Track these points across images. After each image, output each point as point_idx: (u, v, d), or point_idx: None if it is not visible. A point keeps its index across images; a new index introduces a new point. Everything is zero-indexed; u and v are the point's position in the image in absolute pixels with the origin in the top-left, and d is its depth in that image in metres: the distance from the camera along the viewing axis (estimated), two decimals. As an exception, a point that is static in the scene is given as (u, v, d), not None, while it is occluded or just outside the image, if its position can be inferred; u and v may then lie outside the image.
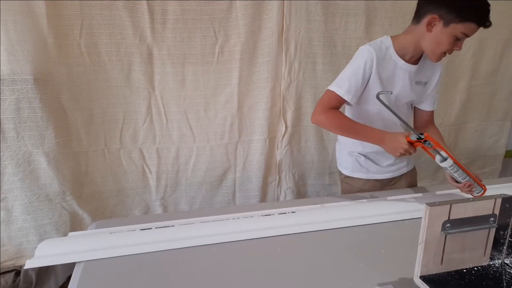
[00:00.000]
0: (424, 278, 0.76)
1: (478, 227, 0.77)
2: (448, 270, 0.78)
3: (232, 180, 1.91)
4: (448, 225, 0.74)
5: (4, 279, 1.71)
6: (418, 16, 1.17)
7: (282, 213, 1.20)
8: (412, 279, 0.78)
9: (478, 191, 1.18)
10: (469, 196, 1.21)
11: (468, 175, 1.12)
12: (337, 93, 1.21)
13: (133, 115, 1.72)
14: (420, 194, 1.36)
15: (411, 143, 1.09)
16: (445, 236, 0.75)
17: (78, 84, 1.60)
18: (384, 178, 1.41)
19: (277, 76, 1.79)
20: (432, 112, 1.38)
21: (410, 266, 0.78)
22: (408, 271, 0.80)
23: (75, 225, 1.71)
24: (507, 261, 0.82)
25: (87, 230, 1.18)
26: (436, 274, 0.77)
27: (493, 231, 0.79)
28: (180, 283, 0.88)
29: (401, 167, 1.43)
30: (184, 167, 1.84)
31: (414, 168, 1.52)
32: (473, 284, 0.76)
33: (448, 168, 1.10)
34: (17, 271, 1.76)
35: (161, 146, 1.78)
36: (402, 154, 1.12)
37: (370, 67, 1.20)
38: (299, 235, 1.08)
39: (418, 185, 2.20)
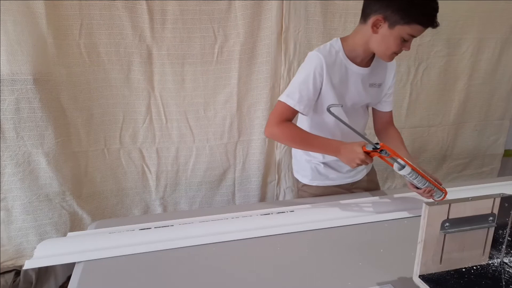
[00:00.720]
0: (423, 277, 0.76)
1: (477, 226, 0.77)
2: (447, 269, 0.78)
3: (231, 180, 1.92)
4: (447, 224, 0.74)
5: (4, 279, 1.71)
6: (364, 16, 1.12)
7: (280, 212, 1.20)
8: (411, 278, 0.78)
9: (439, 195, 1.16)
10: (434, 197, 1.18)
11: (427, 180, 1.10)
12: (288, 104, 1.15)
13: (132, 115, 1.72)
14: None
15: (367, 153, 1.05)
16: (444, 235, 0.75)
17: (78, 84, 1.60)
18: (345, 183, 1.38)
19: (276, 76, 1.79)
20: (390, 112, 1.34)
21: (409, 265, 0.78)
22: (407, 270, 0.80)
23: (75, 225, 1.72)
24: (506, 260, 0.82)
25: (87, 230, 1.18)
26: (435, 273, 0.77)
27: (492, 230, 0.80)
28: (179, 283, 0.88)
29: (360, 170, 1.41)
30: (183, 167, 1.84)
31: (373, 168, 1.50)
32: (472, 283, 0.76)
33: (406, 175, 1.07)
34: (17, 271, 1.76)
35: (160, 146, 1.78)
36: (359, 165, 1.08)
37: (320, 75, 1.14)
38: (298, 234, 1.08)
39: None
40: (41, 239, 1.47)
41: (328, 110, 1.06)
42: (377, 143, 1.04)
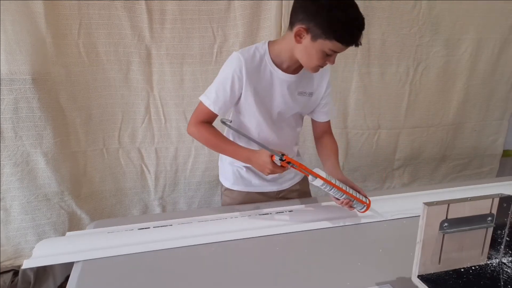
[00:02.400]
0: (422, 277, 0.76)
1: (476, 226, 0.77)
2: (446, 269, 0.78)
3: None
4: (446, 224, 0.74)
5: (2, 279, 1.70)
6: (290, 23, 1.04)
7: (279, 212, 1.20)
8: (410, 278, 0.78)
9: (360, 207, 1.12)
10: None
11: (344, 193, 1.07)
12: (204, 103, 1.11)
13: (131, 115, 1.72)
14: (417, 193, 1.37)
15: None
16: (443, 235, 0.75)
17: (77, 84, 1.60)
18: (269, 191, 1.31)
19: (276, 76, 1.79)
20: (327, 122, 1.28)
21: (408, 265, 0.78)
22: (406, 270, 0.80)
23: (74, 225, 1.71)
24: (504, 260, 0.82)
25: (85, 230, 1.18)
26: (434, 273, 0.77)
27: (490, 230, 0.80)
28: (178, 282, 0.88)
29: (289, 179, 1.33)
30: (182, 166, 1.84)
31: (305, 177, 1.40)
32: (470, 283, 0.76)
33: (320, 187, 1.05)
34: (15, 271, 1.75)
35: (159, 146, 1.78)
36: (271, 173, 1.06)
37: (239, 79, 1.08)
38: (297, 234, 1.08)
39: (416, 184, 2.23)
40: (40, 239, 1.46)
41: (223, 122, 1.04)
42: (282, 154, 1.02)
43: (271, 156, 1.04)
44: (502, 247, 0.81)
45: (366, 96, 1.95)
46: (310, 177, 1.06)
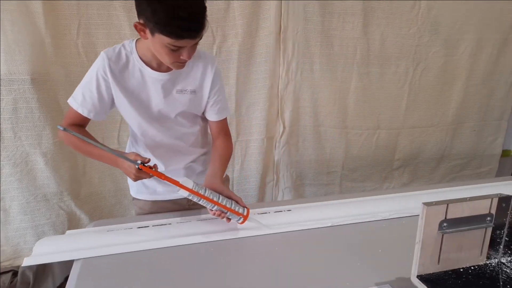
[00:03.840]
0: (421, 277, 0.76)
1: (475, 226, 0.77)
2: (445, 269, 0.78)
3: (230, 180, 1.91)
4: (445, 224, 0.74)
5: (1, 280, 1.70)
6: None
7: (278, 211, 1.20)
8: (409, 278, 0.78)
9: (236, 219, 1.05)
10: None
11: (215, 204, 1.01)
12: (72, 106, 1.05)
13: (130, 115, 1.71)
14: (416, 192, 1.36)
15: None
16: (442, 235, 0.75)
17: (76, 84, 1.56)
18: (179, 198, 1.14)
19: (275, 76, 1.79)
20: (221, 122, 1.19)
21: (408, 265, 0.78)
22: (406, 271, 0.80)
23: (73, 225, 1.71)
24: (503, 260, 0.82)
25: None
26: (433, 273, 0.77)
27: (489, 230, 0.80)
28: (177, 281, 0.88)
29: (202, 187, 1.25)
30: (182, 167, 1.83)
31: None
32: (470, 283, 0.76)
33: (187, 197, 0.99)
34: (14, 272, 1.75)
35: (159, 146, 1.78)
36: (137, 179, 0.99)
37: (104, 79, 1.02)
38: (296, 233, 1.08)
39: (416, 184, 2.23)
40: (39, 240, 1.46)
41: (61, 128, 0.95)
42: (137, 162, 0.96)
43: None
44: (501, 247, 0.81)
45: (366, 96, 1.95)
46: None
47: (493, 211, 0.78)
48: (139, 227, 1.11)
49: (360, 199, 1.31)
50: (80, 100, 1.04)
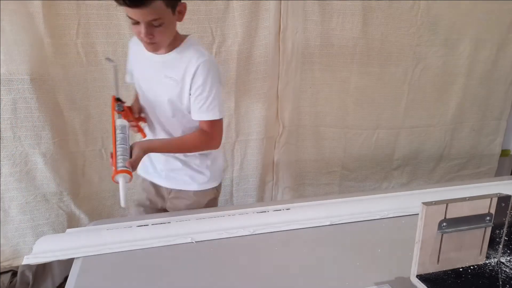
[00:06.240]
0: (420, 277, 0.76)
1: (474, 226, 0.78)
2: (444, 269, 0.79)
3: (229, 180, 1.91)
4: (445, 224, 0.74)
5: (1, 280, 1.70)
6: None
7: (277, 210, 1.20)
8: (409, 278, 0.78)
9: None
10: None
11: (112, 140, 1.11)
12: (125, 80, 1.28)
13: (130, 115, 1.71)
14: (415, 192, 1.37)
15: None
16: (442, 235, 0.75)
17: (75, 84, 1.59)
18: (161, 185, 1.31)
19: (274, 76, 1.79)
20: (203, 122, 1.16)
21: (407, 265, 0.78)
22: (405, 270, 0.80)
23: (72, 225, 1.71)
24: (503, 259, 0.82)
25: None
26: (432, 273, 0.78)
27: (489, 230, 0.80)
28: (177, 279, 0.88)
29: (179, 180, 1.28)
30: (181, 167, 1.83)
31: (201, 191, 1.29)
32: (469, 282, 0.76)
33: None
34: (13, 272, 1.75)
35: (158, 146, 1.78)
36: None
37: (129, 49, 1.21)
38: (296, 232, 1.08)
39: (415, 183, 2.23)
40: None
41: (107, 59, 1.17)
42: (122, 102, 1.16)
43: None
44: (501, 246, 0.82)
45: (365, 96, 1.95)
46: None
47: (493, 211, 0.78)
48: (138, 226, 1.11)
49: (359, 198, 1.30)
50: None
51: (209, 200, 1.31)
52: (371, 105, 1.98)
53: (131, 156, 1.08)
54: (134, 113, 1.22)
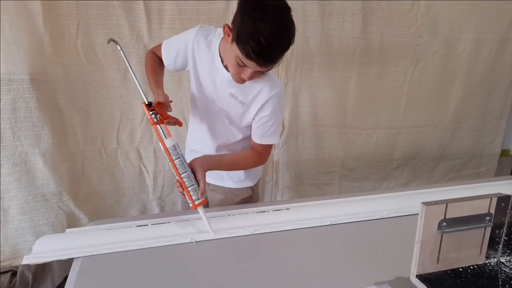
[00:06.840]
0: (420, 277, 0.76)
1: (474, 226, 0.78)
2: (444, 269, 0.78)
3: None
4: (444, 224, 0.74)
5: (0, 280, 1.70)
6: None
7: (276, 210, 1.20)
8: (408, 278, 0.78)
9: (188, 201, 1.04)
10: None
11: (176, 174, 1.03)
12: (162, 48, 1.22)
13: (130, 115, 1.71)
14: (415, 191, 1.37)
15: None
16: (441, 235, 0.75)
17: (75, 84, 1.59)
18: None
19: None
20: (257, 145, 1.18)
21: (407, 265, 0.78)
22: (405, 270, 0.80)
23: (72, 225, 1.71)
24: (502, 259, 0.82)
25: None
26: (432, 273, 0.78)
27: (488, 230, 0.80)
28: (176, 279, 0.88)
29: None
30: (181, 167, 1.83)
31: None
32: (469, 282, 0.76)
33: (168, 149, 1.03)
34: (13, 272, 1.75)
35: (158, 146, 1.78)
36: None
37: (186, 46, 1.13)
38: (295, 232, 1.08)
39: (415, 183, 2.23)
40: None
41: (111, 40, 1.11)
42: (147, 102, 1.06)
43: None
44: (500, 246, 0.82)
45: (365, 96, 1.95)
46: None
47: (492, 211, 0.78)
48: (138, 226, 1.11)
49: (359, 198, 1.30)
50: (167, 42, 1.21)
51: (242, 199, 1.32)
52: (371, 105, 1.98)
53: (196, 179, 1.05)
54: (167, 108, 1.09)
